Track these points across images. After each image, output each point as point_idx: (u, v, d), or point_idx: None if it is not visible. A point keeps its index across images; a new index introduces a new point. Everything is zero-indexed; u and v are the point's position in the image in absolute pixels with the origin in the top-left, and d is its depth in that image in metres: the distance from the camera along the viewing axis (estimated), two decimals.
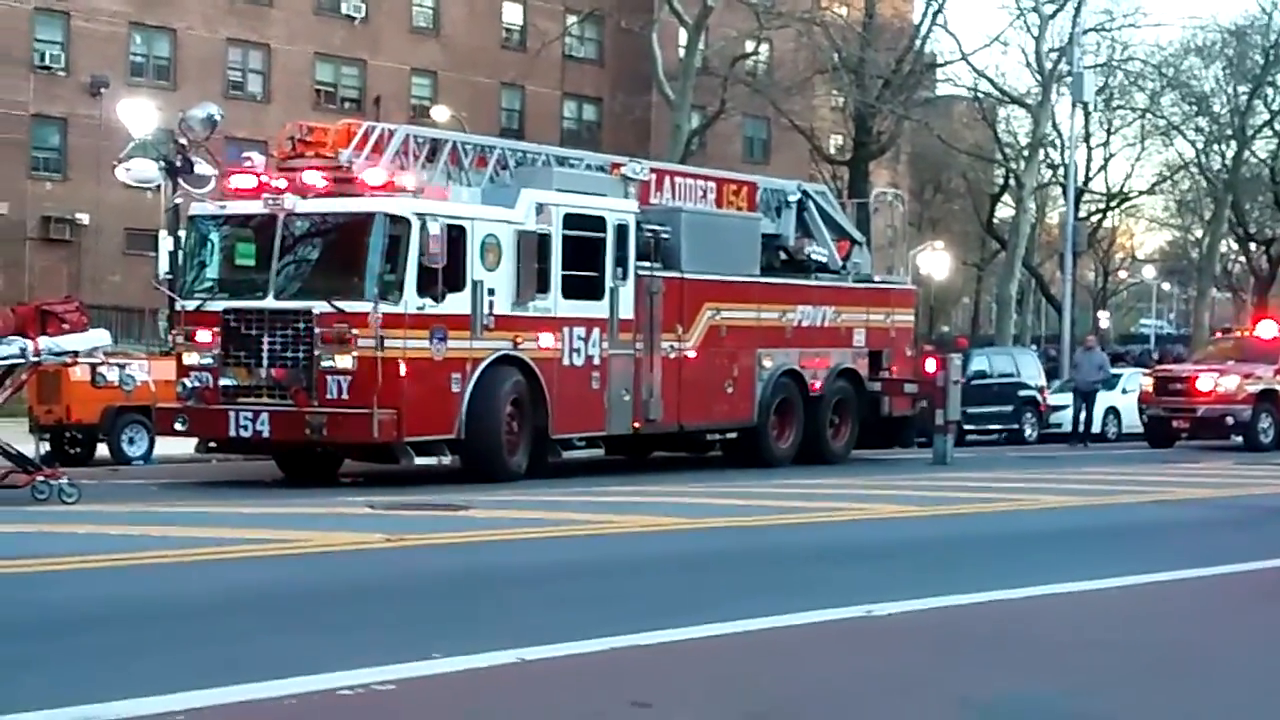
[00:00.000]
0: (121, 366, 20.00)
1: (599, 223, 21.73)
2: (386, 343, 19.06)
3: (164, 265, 21.67)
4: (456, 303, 19.63)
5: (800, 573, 12.09)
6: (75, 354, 17.73)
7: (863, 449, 26.27)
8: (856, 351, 26.33)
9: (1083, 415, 33.67)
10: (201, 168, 21.89)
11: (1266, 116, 62.99)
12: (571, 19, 65.73)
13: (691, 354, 23.26)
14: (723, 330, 23.80)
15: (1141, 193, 70.27)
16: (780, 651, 8.61)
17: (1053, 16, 55.40)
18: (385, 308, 19.06)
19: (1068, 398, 38.64)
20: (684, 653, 8.39)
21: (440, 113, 54.35)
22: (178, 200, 22.46)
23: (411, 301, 19.23)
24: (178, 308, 21.05)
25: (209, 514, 15.05)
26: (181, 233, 21.33)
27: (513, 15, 64.99)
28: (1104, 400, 37.94)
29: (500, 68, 64.37)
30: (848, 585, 10.64)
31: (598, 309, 21.59)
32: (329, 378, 19.07)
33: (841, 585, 10.68)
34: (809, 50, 56.53)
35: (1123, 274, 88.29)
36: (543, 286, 20.83)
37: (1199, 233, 70.29)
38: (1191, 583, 11.81)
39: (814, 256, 26.48)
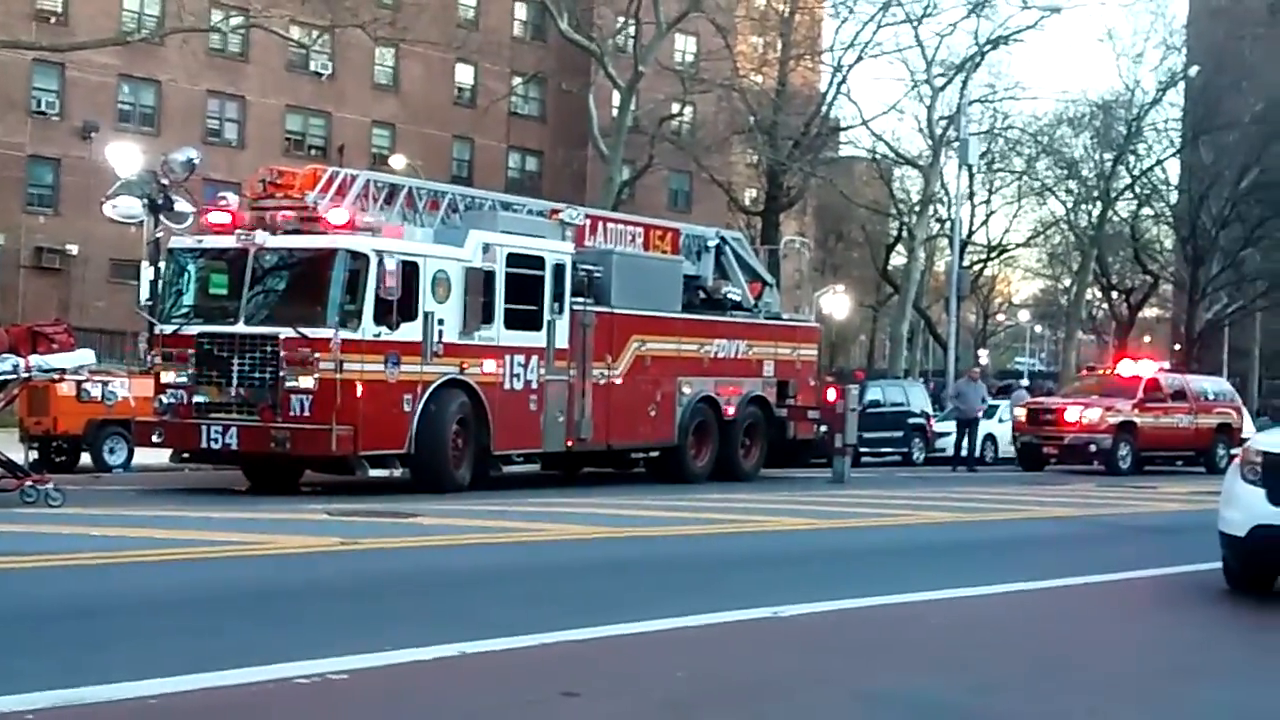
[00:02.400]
0: (104, 383, 19.89)
1: (538, 262, 21.71)
2: (345, 366, 18.96)
3: (145, 293, 21.49)
4: (409, 331, 19.56)
5: (714, 577, 12.13)
6: (63, 371, 17.57)
7: (770, 468, 26.33)
8: (766, 381, 26.38)
9: (965, 441, 33.80)
10: (181, 205, 21.76)
11: (1128, 180, 63.70)
12: (517, 80, 65.76)
13: (619, 380, 23.25)
14: (647, 360, 23.81)
15: (1018, 245, 70.91)
16: (696, 647, 8.64)
17: (942, 88, 55.89)
18: (345, 334, 18.96)
19: (952, 425, 38.94)
20: (609, 648, 8.40)
21: (398, 161, 54.22)
22: (159, 234, 22.29)
23: (369, 329, 19.14)
24: (156, 331, 20.87)
25: (182, 518, 14.94)
26: (161, 264, 21.16)
27: (464, 75, 64.96)
28: (984, 428, 38.24)
29: (452, 122, 64.33)
30: (756, 589, 10.68)
31: (536, 339, 21.56)
32: (293, 396, 18.94)
33: (751, 589, 10.72)
34: (728, 113, 56.78)
35: (1000, 316, 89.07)
36: (487, 318, 20.79)
37: (1068, 282, 70.87)
38: (1057, 590, 11.95)
39: (729, 296, 26.55)
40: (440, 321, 19.94)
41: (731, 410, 25.39)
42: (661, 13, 49.85)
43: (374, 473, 19.97)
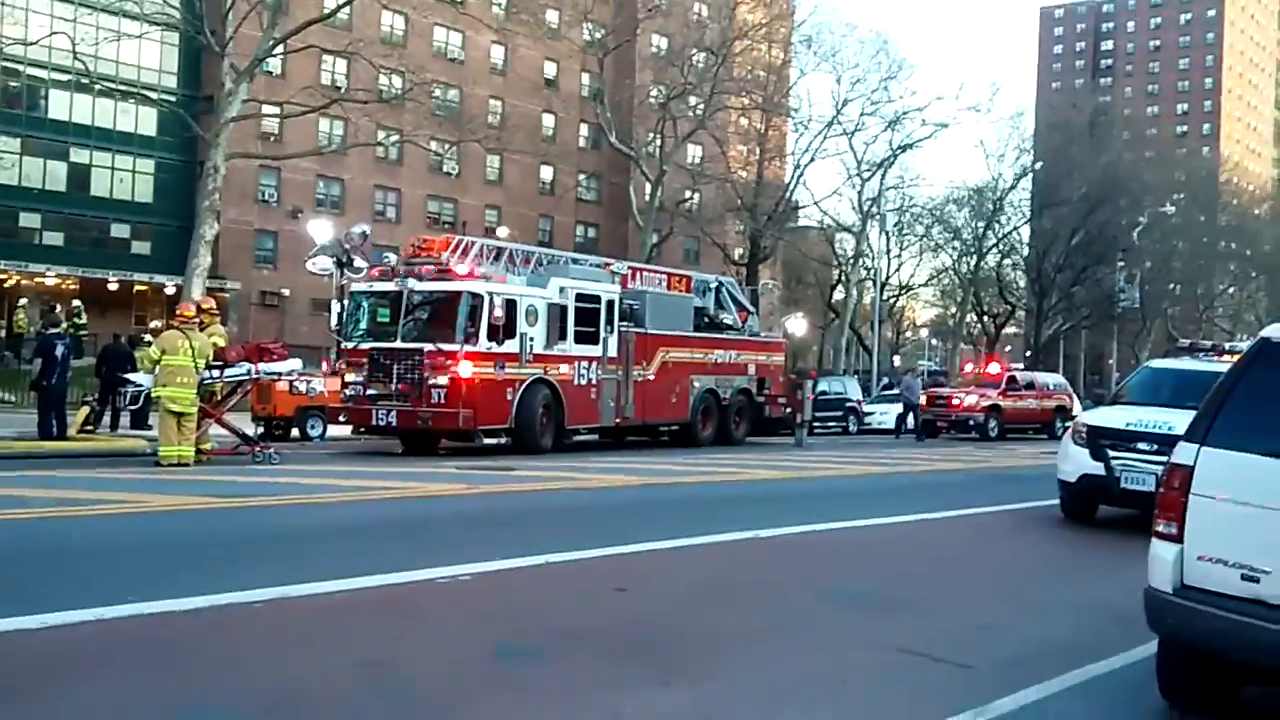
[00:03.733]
0: (308, 381, 19.94)
1: (597, 299, 21.72)
2: (468, 369, 19.03)
3: (334, 321, 21.54)
4: (510, 345, 19.57)
5: (715, 511, 12.15)
6: (280, 374, 17.68)
7: (753, 437, 26.30)
8: (750, 378, 26.29)
9: (909, 418, 33.67)
10: (358, 262, 21.81)
11: (994, 241, 63.93)
12: (581, 176, 65.94)
13: (652, 378, 23.23)
14: (670, 364, 23.77)
15: (920, 285, 70.97)
16: (704, 558, 8.67)
17: (868, 179, 56.13)
18: (467, 348, 18.98)
19: (878, 406, 38.92)
20: (646, 560, 8.44)
21: (502, 231, 54.28)
22: (343, 282, 22.37)
23: (483, 344, 19.15)
24: (342, 346, 20.97)
25: (361, 471, 15.04)
26: (345, 301, 21.24)
27: (546, 174, 65.05)
28: (898, 409, 38.23)
29: (538, 205, 64.44)
30: (744, 519, 10.69)
31: (595, 350, 21.56)
32: (433, 390, 18.97)
33: (740, 518, 10.74)
34: (723, 197, 56.86)
35: (908, 333, 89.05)
36: (562, 336, 20.79)
37: (954, 309, 70.74)
38: (947, 519, 11.92)
39: (725, 320, 26.50)
40: (531, 339, 19.97)
41: (726, 397, 25.34)
42: (678, 130, 50.03)
43: (487, 441, 20.02)
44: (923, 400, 33.54)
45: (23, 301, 44.04)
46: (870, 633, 6.28)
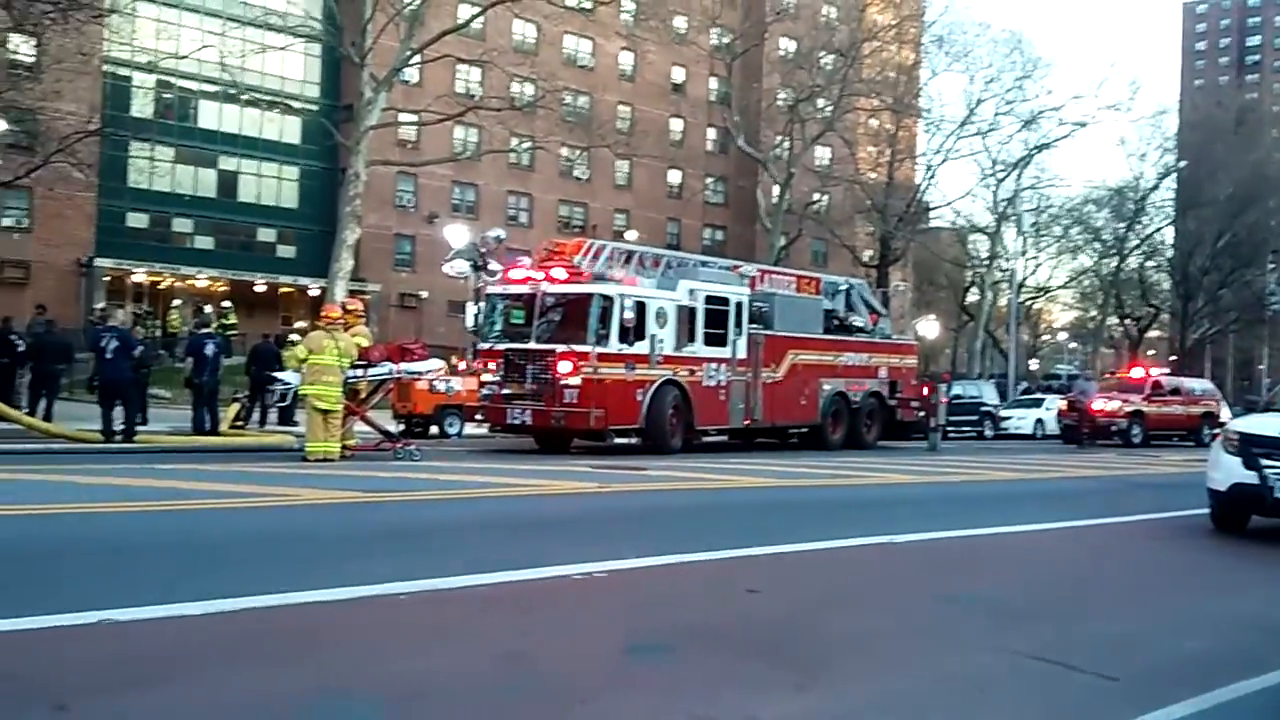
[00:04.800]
0: (446, 381, 20.38)
1: (725, 301, 21.70)
2: (599, 370, 19.19)
3: (470, 322, 21.94)
4: (640, 347, 19.69)
5: (846, 514, 12.02)
6: (420, 373, 18.12)
7: (884, 441, 25.94)
8: (881, 381, 25.96)
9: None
10: (493, 266, 22.19)
11: (1136, 242, 61.80)
12: (708, 179, 65.99)
13: (780, 380, 23.11)
14: (799, 366, 23.62)
15: (1058, 287, 69.15)
16: (837, 561, 8.58)
17: (1002, 180, 54.95)
18: (599, 349, 19.17)
19: (1015, 411, 38.06)
20: (777, 561, 8.37)
21: (631, 235, 54.73)
22: (479, 285, 22.78)
23: (614, 346, 19.32)
24: (479, 347, 21.37)
25: (496, 469, 15.25)
26: (481, 303, 21.63)
27: (674, 177, 65.27)
28: (1035, 414, 37.33)
29: (666, 209, 64.70)
30: (874, 523, 10.54)
31: (724, 352, 21.54)
32: (565, 390, 19.20)
33: (871, 523, 10.59)
34: (852, 199, 56.23)
35: (1045, 336, 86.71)
36: (691, 338, 20.83)
37: (1094, 312, 68.67)
38: (1090, 527, 11.56)
39: (855, 323, 26.20)
40: (661, 341, 20.05)
41: (857, 400, 25.07)
42: (806, 132, 49.63)
43: (618, 440, 20.15)
44: (1062, 405, 32.66)
45: (176, 303, 46.03)
46: (1005, 640, 6.14)
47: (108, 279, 48.00)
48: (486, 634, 5.68)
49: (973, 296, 63.05)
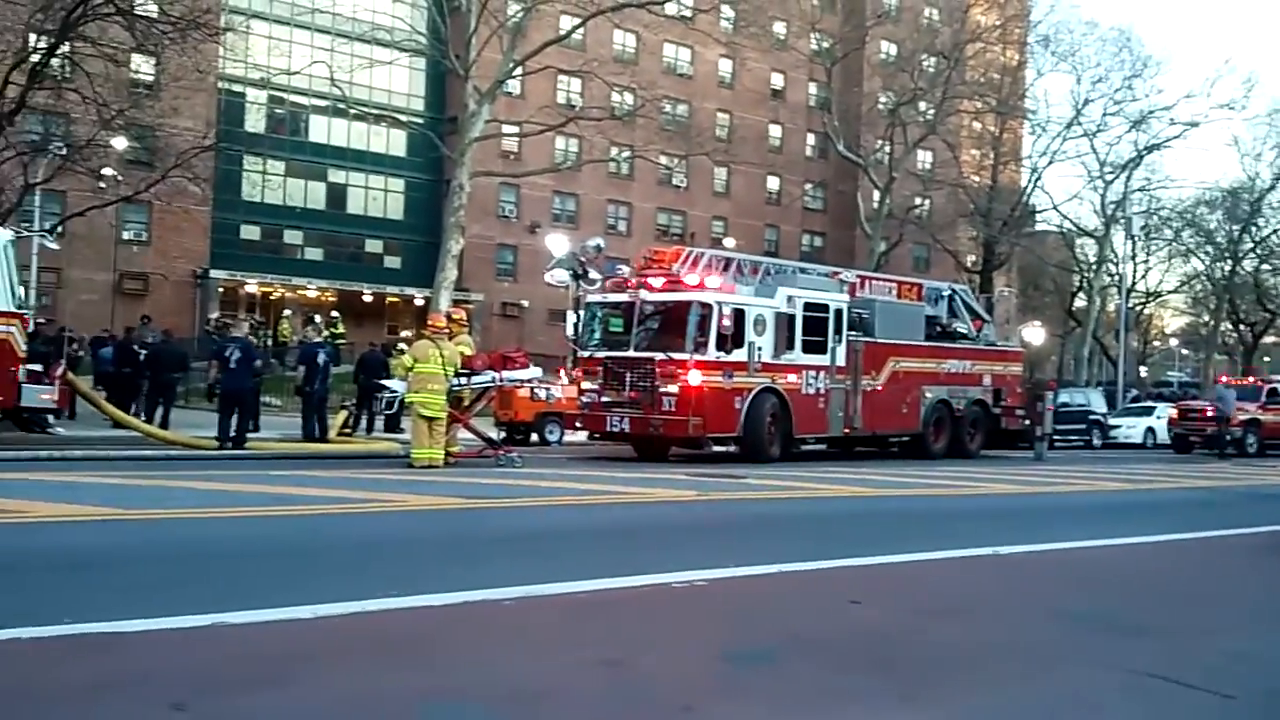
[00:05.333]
0: (547, 388, 20.56)
1: (825, 308, 21.56)
2: (697, 378, 19.21)
3: (570, 330, 22.12)
4: (739, 354, 19.68)
5: (949, 525, 11.84)
6: (522, 381, 18.32)
7: (988, 450, 25.47)
8: (985, 389, 25.55)
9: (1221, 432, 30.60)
10: (592, 274, 22.35)
11: (1251, 245, 59.74)
12: (807, 185, 65.56)
13: (881, 388, 22.87)
14: (901, 374, 23.36)
15: (1169, 291, 67.21)
16: (940, 572, 8.43)
17: (1111, 182, 53.61)
18: (697, 357, 19.20)
19: (1125, 419, 37.10)
20: (879, 572, 8.26)
21: (729, 242, 54.66)
22: (579, 293, 22.96)
23: (712, 353, 19.34)
24: (578, 355, 21.55)
25: (594, 475, 15.35)
26: (581, 311, 21.80)
27: (772, 184, 65.08)
28: (1146, 422, 36.27)
29: (764, 215, 64.50)
30: (979, 534, 10.37)
31: (823, 359, 21.40)
32: (664, 397, 19.28)
33: (975, 533, 10.42)
34: (955, 203, 55.41)
35: (1155, 343, 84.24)
36: (790, 345, 20.74)
37: (1206, 317, 66.59)
38: (1202, 540, 11.20)
39: (958, 329, 25.85)
40: (759, 348, 20.00)
41: (960, 408, 24.70)
42: (908, 136, 49.03)
43: (716, 448, 20.13)
44: (1173, 413, 31.75)
45: (287, 312, 47.23)
46: (1115, 656, 5.97)
47: (222, 290, 49.48)
48: (588, 640, 5.71)
49: (1080, 302, 61.58)
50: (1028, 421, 25.75)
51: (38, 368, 17.27)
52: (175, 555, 7.71)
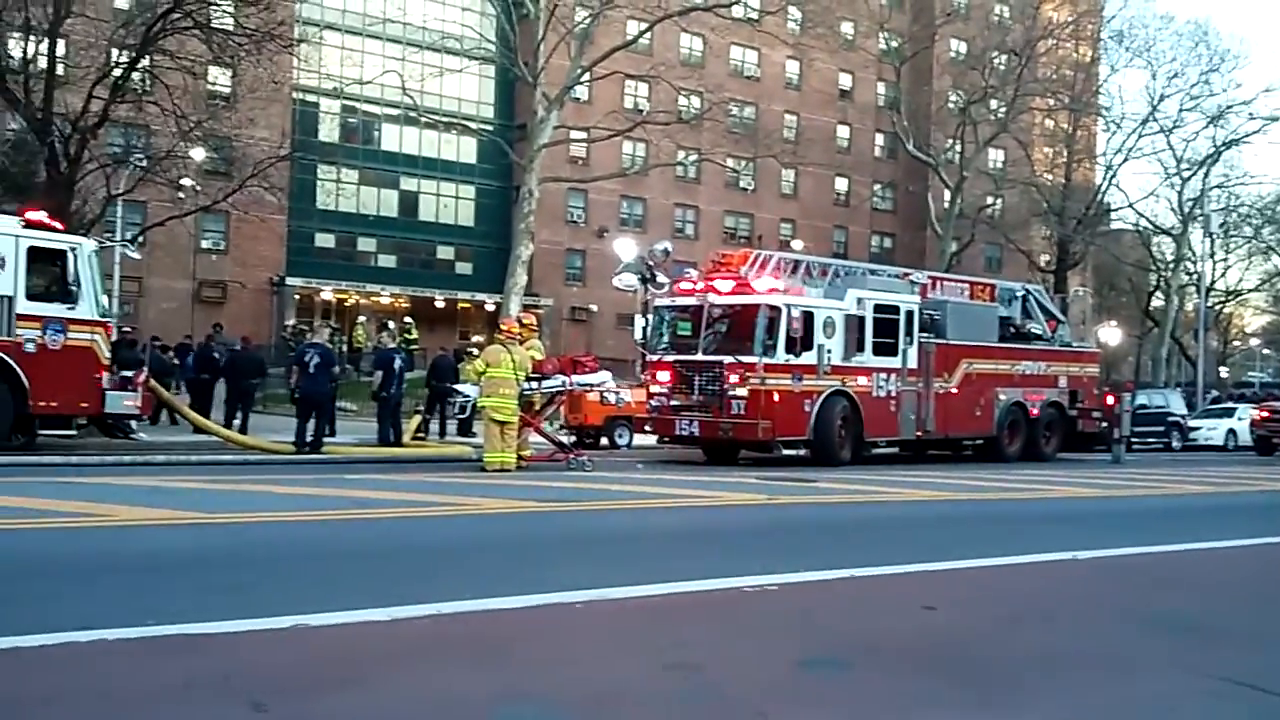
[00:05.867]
0: (616, 392, 20.62)
1: (895, 309, 21.38)
2: (766, 381, 19.14)
3: (638, 334, 22.17)
4: (808, 357, 19.60)
5: (1025, 529, 11.65)
6: (591, 385, 18.39)
7: (1064, 453, 25.04)
8: (1060, 390, 25.16)
9: None
10: (660, 278, 22.38)
11: None
12: (876, 186, 65.04)
13: (954, 390, 22.62)
14: (974, 376, 23.08)
15: (1249, 290, 65.59)
16: (1016, 577, 8.30)
17: (1189, 179, 52.51)
18: (766, 360, 19.15)
19: (1205, 421, 36.34)
20: (952, 578, 8.15)
21: (797, 244, 54.38)
22: (647, 297, 23.01)
23: (781, 356, 19.28)
24: (647, 359, 21.58)
25: (665, 480, 15.37)
26: (649, 315, 21.84)
27: (840, 185, 64.65)
28: (1227, 424, 35.46)
29: (833, 216, 64.07)
30: (1056, 538, 10.19)
31: (894, 362, 21.22)
32: (733, 401, 19.25)
33: (1051, 538, 10.24)
34: (1028, 202, 54.68)
35: (1236, 343, 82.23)
36: (860, 348, 20.60)
37: None
38: None
39: (1032, 330, 25.49)
40: (829, 351, 19.89)
41: (1035, 411, 24.35)
42: (979, 135, 48.43)
43: (785, 452, 20.03)
44: (1256, 414, 31.02)
45: (361, 319, 47.92)
46: (1197, 661, 5.83)
47: (298, 297, 50.34)
48: (659, 644, 5.70)
49: (1157, 301, 60.35)
50: (1105, 424, 25.29)
51: (129, 374, 17.69)
52: (255, 557, 7.84)
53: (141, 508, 9.88)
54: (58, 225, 17.15)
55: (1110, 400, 25.78)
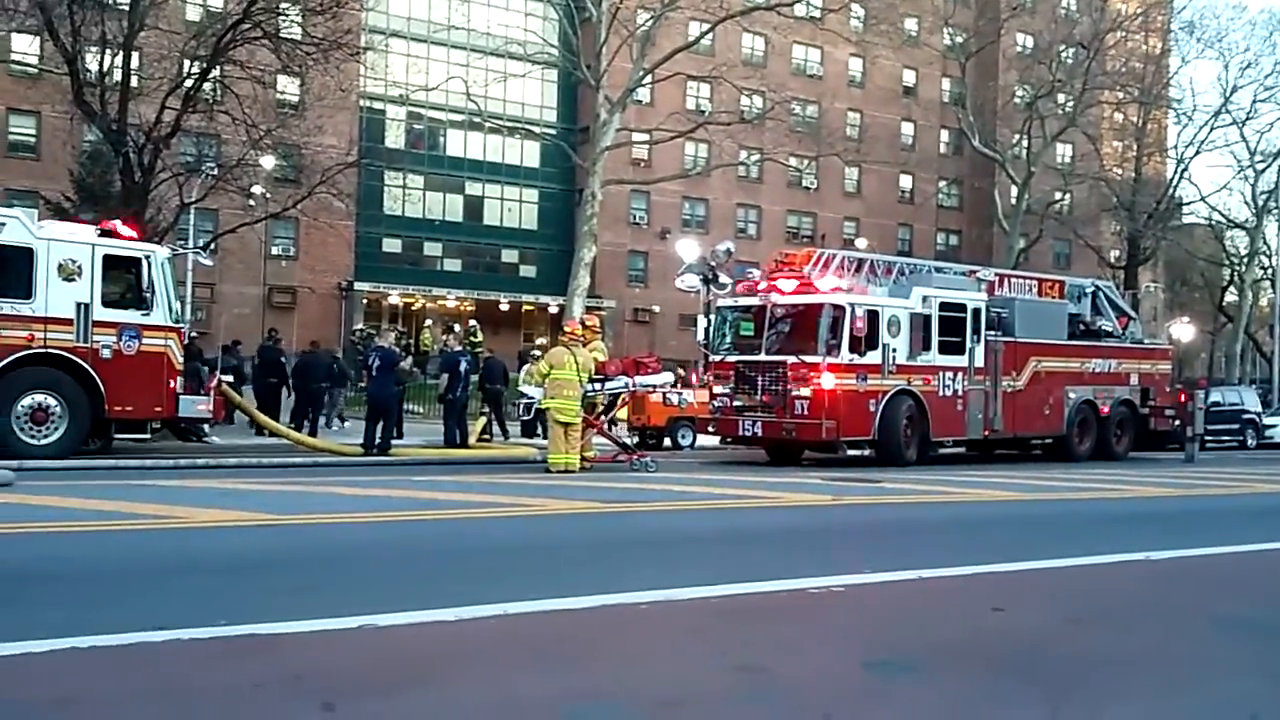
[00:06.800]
0: (679, 393, 20.61)
1: (962, 307, 21.11)
2: (831, 381, 19.00)
3: (701, 335, 22.13)
4: (873, 357, 19.42)
5: (1096, 529, 11.43)
6: (654, 386, 18.39)
7: (1136, 452, 24.55)
8: (1132, 388, 24.68)
9: None
10: (723, 279, 22.34)
11: None
12: (942, 183, 64.31)
13: (1022, 389, 22.27)
14: (1042, 374, 22.71)
15: None
16: (1088, 578, 8.14)
17: (1263, 171, 51.30)
18: (830, 360, 19.01)
19: (1278, 418, 35.48)
20: (1022, 579, 8.01)
21: (861, 243, 53.93)
22: (710, 298, 22.96)
23: (845, 356, 19.12)
24: (710, 359, 21.53)
25: (726, 480, 15.31)
26: (712, 316, 21.80)
27: (905, 182, 64.01)
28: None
29: (897, 214, 63.46)
30: (1128, 538, 9.97)
31: (961, 360, 20.95)
32: (796, 401, 19.13)
33: (1124, 538, 10.03)
34: (1097, 197, 53.78)
35: None
36: (926, 346, 20.37)
37: None
38: None
39: (1103, 327, 25.03)
40: (894, 350, 19.69)
41: (1106, 409, 23.90)
42: (1046, 129, 47.72)
43: (850, 452, 19.87)
44: None
45: (428, 322, 48.39)
46: (1273, 664, 5.67)
47: (365, 301, 50.96)
48: (725, 645, 5.67)
49: (1231, 296, 59.04)
50: (1178, 422, 24.76)
51: (222, 377, 18.07)
52: (324, 558, 7.94)
53: (213, 510, 10.04)
54: (133, 233, 17.52)
55: (1183, 398, 25.25)
